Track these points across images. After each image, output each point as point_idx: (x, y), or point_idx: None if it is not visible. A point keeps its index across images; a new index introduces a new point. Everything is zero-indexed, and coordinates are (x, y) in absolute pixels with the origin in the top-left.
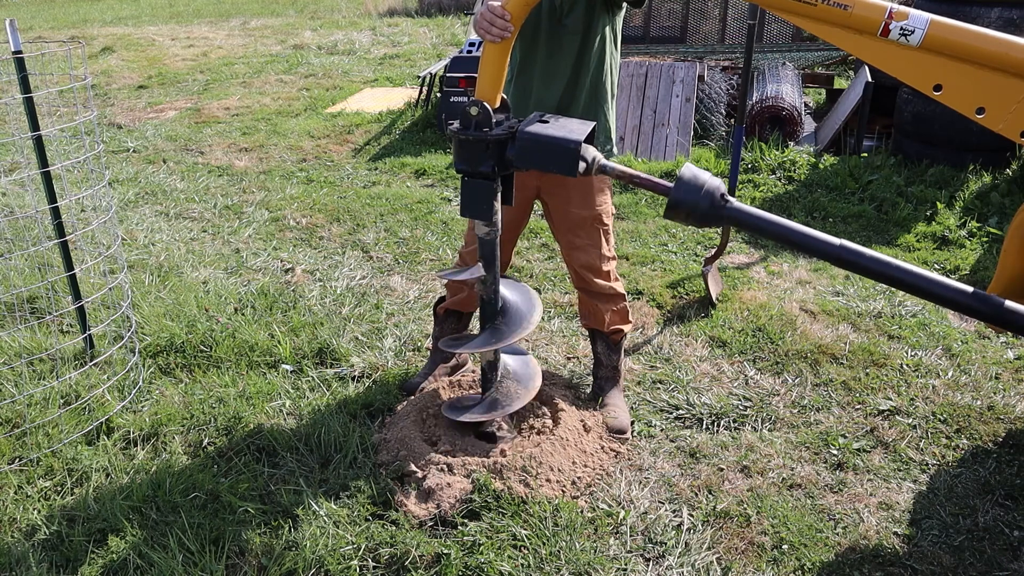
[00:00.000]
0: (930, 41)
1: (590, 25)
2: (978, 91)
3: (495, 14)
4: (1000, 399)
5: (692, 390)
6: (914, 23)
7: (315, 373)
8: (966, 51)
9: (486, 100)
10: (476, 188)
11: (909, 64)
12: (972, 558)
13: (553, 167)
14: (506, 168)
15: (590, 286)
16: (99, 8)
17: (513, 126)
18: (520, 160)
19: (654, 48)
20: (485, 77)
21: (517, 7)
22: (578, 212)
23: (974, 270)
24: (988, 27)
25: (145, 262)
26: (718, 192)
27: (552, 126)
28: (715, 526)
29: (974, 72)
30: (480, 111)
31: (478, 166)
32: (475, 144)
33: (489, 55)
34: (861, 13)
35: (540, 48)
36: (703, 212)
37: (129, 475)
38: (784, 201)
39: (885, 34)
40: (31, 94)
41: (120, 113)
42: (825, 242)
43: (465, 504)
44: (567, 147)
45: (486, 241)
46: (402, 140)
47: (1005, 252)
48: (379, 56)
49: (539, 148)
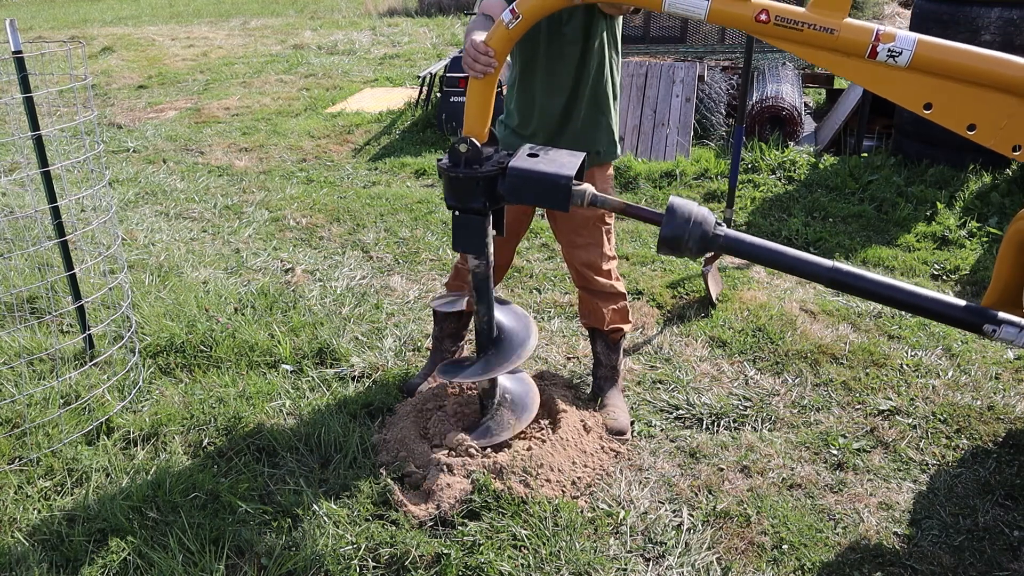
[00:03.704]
0: (918, 61)
1: (590, 32)
2: (968, 108)
3: (478, 50)
4: (1000, 399)
5: (692, 390)
6: (901, 44)
7: (315, 373)
8: (954, 69)
9: (474, 136)
10: (468, 223)
11: (898, 85)
12: (972, 558)
13: (545, 202)
14: (497, 202)
15: (591, 284)
16: (99, 8)
17: (503, 161)
18: (511, 196)
19: (654, 48)
20: (472, 113)
21: (500, 42)
22: (580, 211)
23: (974, 270)
24: (988, 27)
25: (145, 262)
26: (707, 223)
27: (542, 160)
28: (715, 526)
29: (963, 90)
30: (469, 148)
31: (469, 202)
32: (465, 181)
33: (475, 90)
34: (848, 36)
35: (541, 57)
36: (695, 245)
37: (129, 475)
38: (784, 201)
39: (873, 56)
40: (31, 94)
41: (120, 113)
42: (817, 265)
43: (465, 504)
44: (558, 183)
45: (478, 274)
46: (402, 140)
47: (1000, 262)
48: (379, 56)
49: (530, 184)
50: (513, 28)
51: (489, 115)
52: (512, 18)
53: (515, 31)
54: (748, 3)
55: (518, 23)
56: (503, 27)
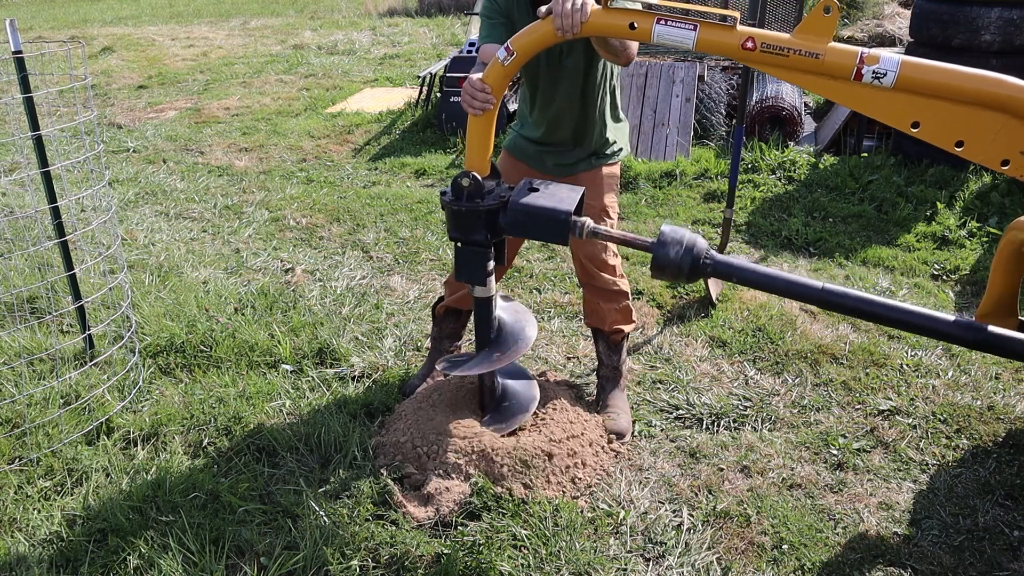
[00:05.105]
0: (903, 82)
1: (591, 62)
2: (955, 126)
3: (476, 87)
4: (1000, 399)
5: (692, 390)
6: (885, 66)
7: (315, 373)
8: (939, 89)
9: (476, 170)
10: (470, 255)
11: (885, 105)
12: (972, 558)
13: (545, 236)
14: (499, 235)
15: (595, 280)
16: (99, 8)
17: (504, 195)
18: (512, 230)
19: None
20: (473, 148)
21: (497, 79)
22: (588, 202)
23: (974, 270)
24: (988, 27)
25: (145, 262)
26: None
27: (543, 195)
28: (715, 526)
29: (950, 108)
30: (472, 182)
31: (472, 235)
32: (468, 215)
33: (475, 127)
34: (833, 60)
35: (545, 90)
36: (688, 270)
37: (129, 475)
38: (784, 201)
39: (858, 78)
40: (31, 94)
41: (120, 113)
42: (808, 286)
43: (465, 507)
44: (558, 218)
45: (481, 301)
46: (402, 140)
47: (994, 272)
48: (379, 56)
49: (531, 219)
50: (509, 65)
51: (490, 150)
52: (507, 55)
53: (511, 67)
54: (734, 32)
55: (513, 60)
56: (499, 64)
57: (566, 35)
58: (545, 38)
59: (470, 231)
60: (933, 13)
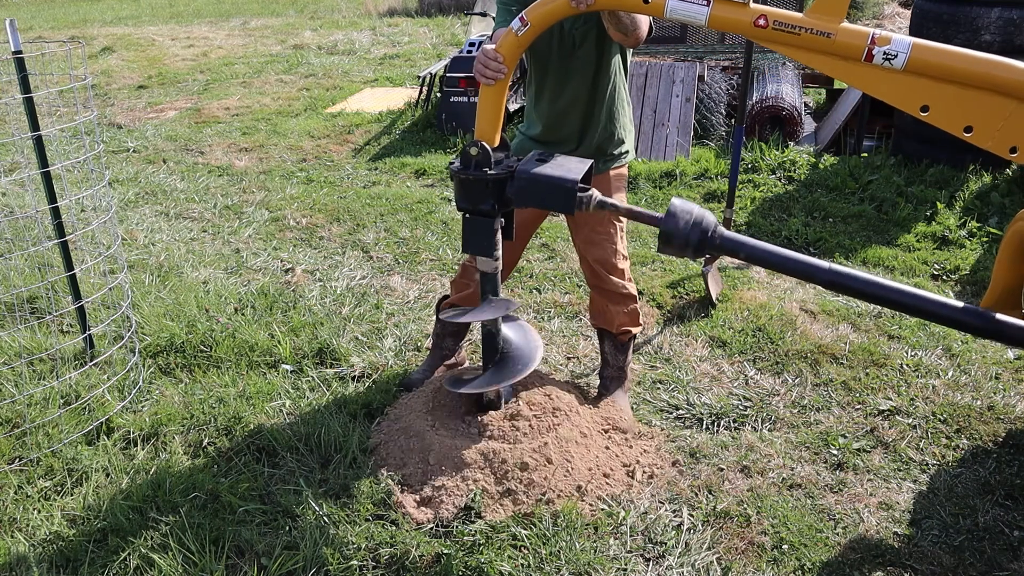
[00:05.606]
0: (913, 64)
1: (603, 54)
2: (965, 110)
3: (488, 56)
4: (1000, 399)
5: (692, 390)
6: (896, 47)
7: (315, 373)
8: (950, 72)
9: (485, 140)
10: (478, 225)
11: (895, 87)
12: (972, 558)
13: (551, 204)
14: (506, 206)
15: (603, 283)
16: (99, 8)
17: (512, 165)
18: (519, 198)
19: (654, 48)
20: (483, 118)
21: (510, 49)
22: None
23: (974, 270)
24: (988, 27)
25: (145, 262)
26: (707, 222)
27: (550, 165)
28: (715, 526)
29: (960, 92)
30: (480, 151)
31: (479, 204)
32: (476, 183)
33: (486, 96)
34: (844, 40)
35: (554, 81)
36: (696, 244)
37: (129, 475)
38: (784, 201)
39: (869, 59)
40: (31, 94)
41: (120, 113)
42: (814, 266)
43: (465, 507)
44: (564, 185)
45: (488, 275)
46: (402, 140)
47: (998, 264)
48: (379, 56)
49: (537, 187)
50: (523, 35)
51: (500, 120)
52: (521, 25)
53: (524, 38)
54: (747, 8)
55: (527, 30)
56: (512, 34)
57: (580, 7)
58: (560, 9)
59: (477, 200)
60: (933, 13)
